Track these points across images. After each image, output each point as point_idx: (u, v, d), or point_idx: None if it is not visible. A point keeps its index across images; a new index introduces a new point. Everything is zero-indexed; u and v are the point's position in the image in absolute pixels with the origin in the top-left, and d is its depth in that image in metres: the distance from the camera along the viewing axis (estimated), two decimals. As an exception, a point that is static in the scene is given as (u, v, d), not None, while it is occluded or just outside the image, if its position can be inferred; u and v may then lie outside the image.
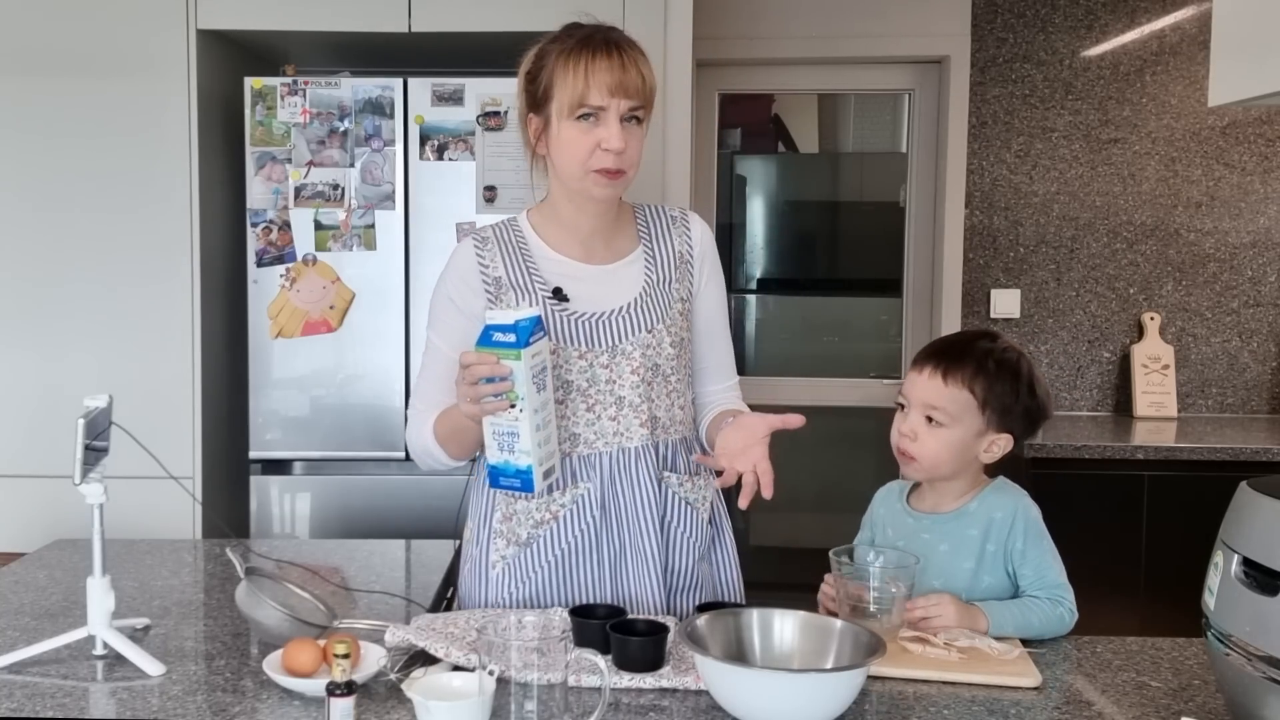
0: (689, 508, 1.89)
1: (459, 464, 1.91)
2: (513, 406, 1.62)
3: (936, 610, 1.65)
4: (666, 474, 1.87)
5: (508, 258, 1.86)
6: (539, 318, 1.67)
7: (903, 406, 1.79)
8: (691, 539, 1.89)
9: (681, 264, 1.91)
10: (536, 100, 1.82)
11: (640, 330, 1.83)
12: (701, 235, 1.95)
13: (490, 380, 1.61)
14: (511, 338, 1.60)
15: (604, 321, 1.83)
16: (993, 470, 1.85)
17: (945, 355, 1.76)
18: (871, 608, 1.67)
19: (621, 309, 1.84)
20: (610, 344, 1.82)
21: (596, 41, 1.76)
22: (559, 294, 1.83)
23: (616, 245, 1.90)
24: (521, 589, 1.85)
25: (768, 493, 1.67)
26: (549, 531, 1.84)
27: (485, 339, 1.62)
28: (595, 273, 1.87)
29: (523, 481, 1.67)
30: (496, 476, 1.69)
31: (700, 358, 1.96)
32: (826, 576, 1.76)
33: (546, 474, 1.70)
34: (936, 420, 1.74)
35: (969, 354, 1.75)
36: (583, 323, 1.82)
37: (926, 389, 1.74)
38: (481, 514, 1.92)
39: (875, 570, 1.70)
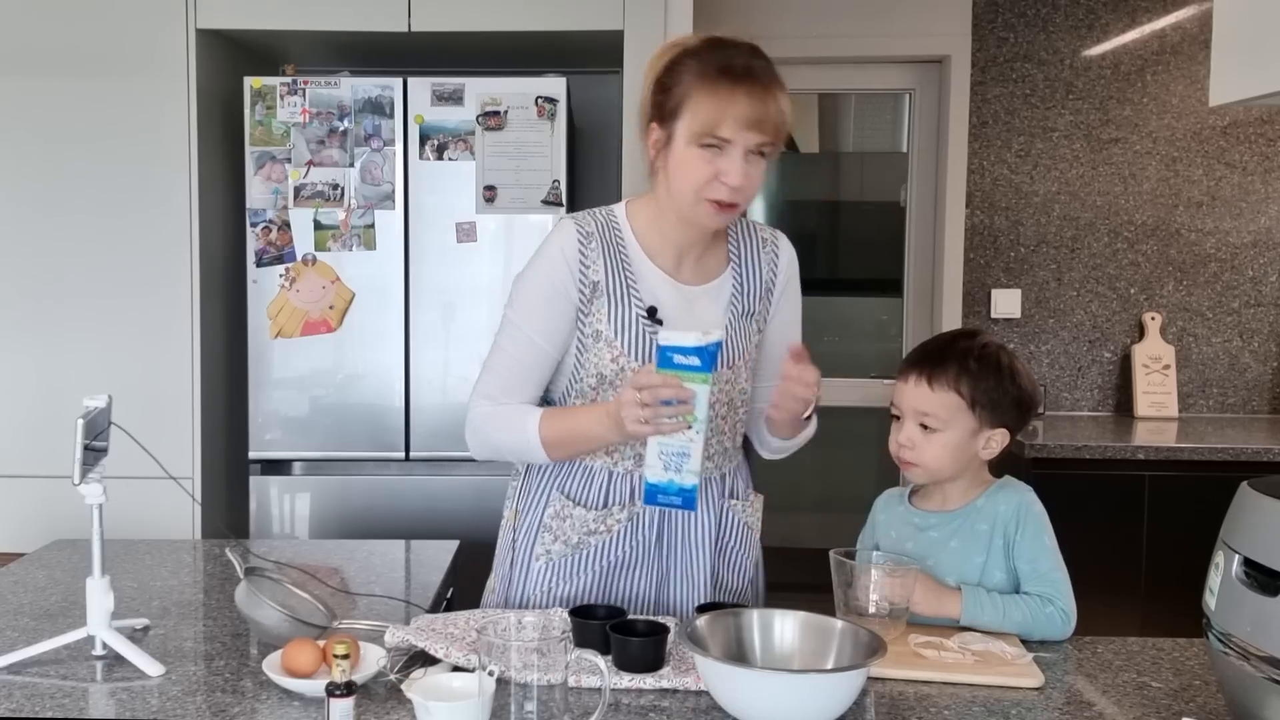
0: (747, 530, 1.91)
1: (545, 463, 1.85)
2: (689, 428, 1.63)
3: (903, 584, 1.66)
4: (730, 502, 1.88)
5: (609, 261, 1.79)
6: (722, 343, 1.67)
7: (897, 417, 1.80)
8: (747, 559, 1.91)
9: (765, 294, 1.89)
10: (664, 112, 1.74)
11: (723, 366, 1.80)
12: (789, 263, 1.91)
13: (668, 403, 1.60)
14: (695, 361, 1.60)
15: None
16: (998, 470, 1.85)
17: (928, 361, 1.77)
18: (872, 609, 1.67)
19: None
20: None
21: (739, 69, 1.69)
22: (653, 315, 1.79)
23: (707, 264, 1.85)
24: (564, 587, 1.84)
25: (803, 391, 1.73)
26: (601, 542, 1.84)
27: (665, 361, 1.61)
28: (684, 293, 1.82)
29: (684, 500, 1.66)
30: (655, 494, 1.67)
31: (759, 377, 1.91)
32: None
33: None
34: (931, 426, 1.75)
35: (950, 356, 1.76)
36: (719, 332, 1.76)
37: (915, 397, 1.76)
38: (531, 506, 1.88)
39: (874, 571, 1.70)
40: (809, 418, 1.84)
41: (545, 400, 1.88)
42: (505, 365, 1.82)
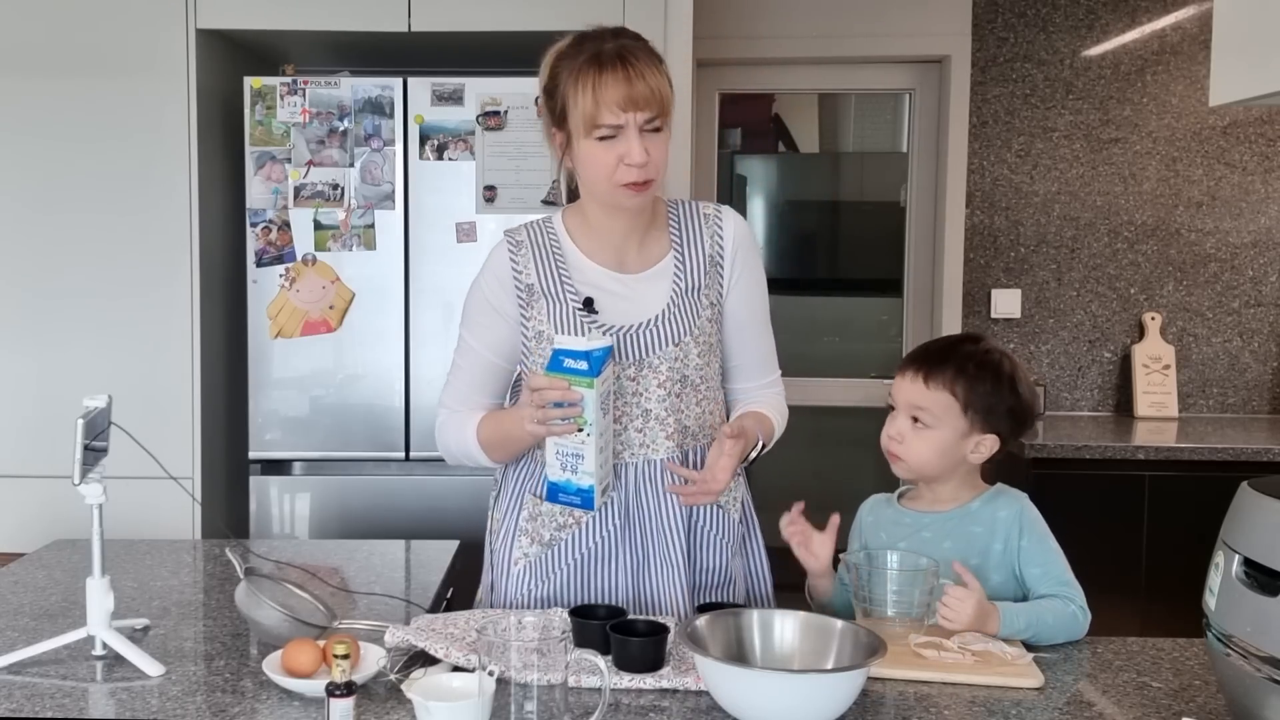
0: (719, 510, 1.90)
1: (494, 466, 1.94)
2: (580, 430, 1.66)
3: (959, 607, 1.63)
4: None
5: (541, 264, 1.85)
6: (611, 348, 1.70)
7: (892, 409, 1.81)
8: (723, 539, 1.90)
9: (712, 267, 1.89)
10: (556, 116, 1.80)
11: (667, 344, 1.82)
12: (735, 232, 1.91)
13: (559, 405, 1.65)
14: (584, 365, 1.64)
15: (631, 335, 1.82)
16: (992, 475, 1.86)
17: (927, 359, 1.78)
18: (890, 611, 1.67)
19: (649, 322, 1.83)
20: (637, 357, 1.81)
21: (605, 56, 1.74)
22: (589, 305, 1.82)
23: (649, 250, 1.88)
24: (542, 587, 1.86)
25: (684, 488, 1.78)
26: (571, 535, 1.85)
27: (556, 364, 1.65)
28: (626, 283, 1.86)
29: (583, 499, 1.71)
30: (556, 493, 1.72)
31: (730, 355, 1.94)
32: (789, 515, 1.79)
33: (604, 491, 1.75)
34: (922, 422, 1.76)
35: (950, 357, 1.77)
36: (610, 336, 1.81)
37: (910, 391, 1.77)
38: (507, 511, 1.93)
39: (893, 574, 1.70)
40: (756, 452, 1.88)
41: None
42: (458, 377, 1.92)
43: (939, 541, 1.77)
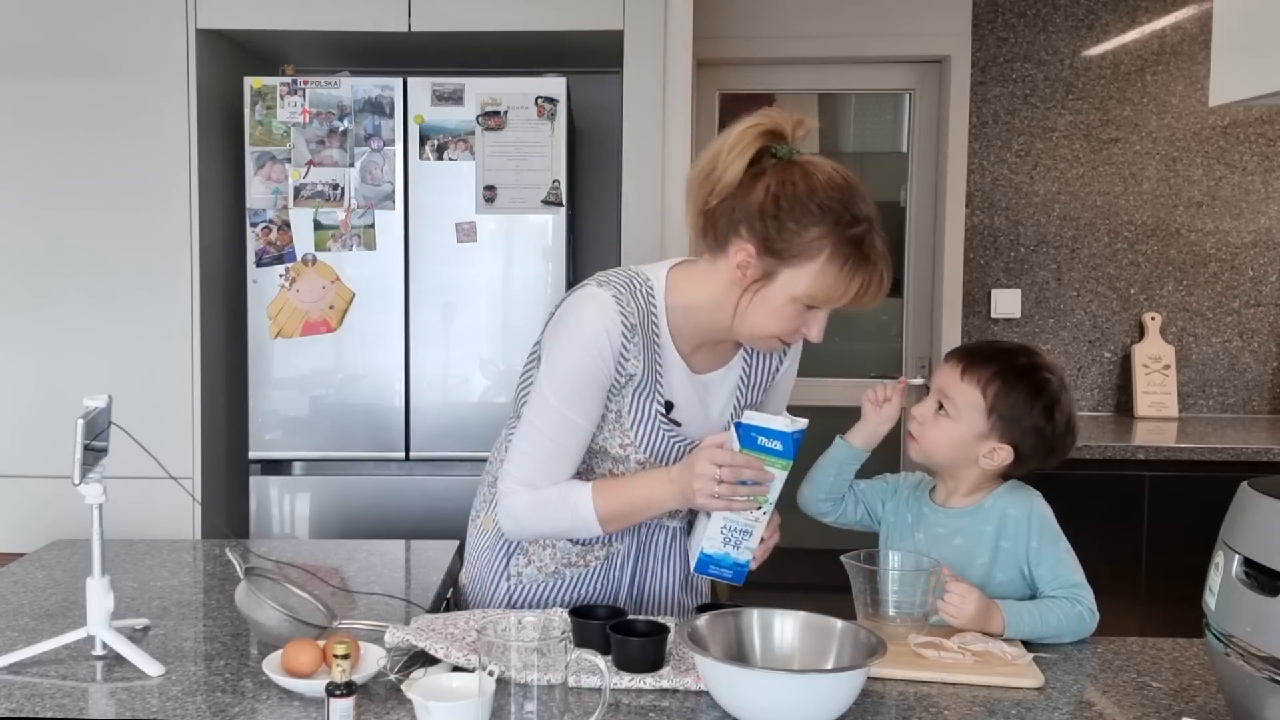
0: None
1: (599, 536, 1.79)
2: (758, 508, 1.64)
3: (960, 604, 1.64)
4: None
5: (646, 354, 1.71)
6: (804, 431, 1.64)
7: (929, 389, 1.82)
8: (707, 584, 1.93)
9: (771, 374, 1.87)
10: (771, 246, 1.60)
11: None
12: (796, 351, 1.89)
13: (744, 482, 1.61)
14: (778, 445, 1.61)
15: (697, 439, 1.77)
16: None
17: (973, 354, 1.78)
18: (891, 610, 1.67)
19: (716, 427, 1.79)
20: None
21: (873, 254, 1.60)
22: (669, 410, 1.75)
23: (720, 351, 1.81)
24: (530, 601, 1.88)
25: None
26: (576, 574, 1.86)
27: (749, 441, 1.61)
28: (694, 381, 1.78)
29: (735, 574, 1.69)
30: (708, 564, 1.69)
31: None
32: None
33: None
34: (945, 410, 1.76)
35: (995, 359, 1.76)
36: (682, 448, 1.76)
37: (945, 378, 1.77)
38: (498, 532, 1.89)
39: (895, 574, 1.70)
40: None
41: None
42: (544, 450, 1.71)
43: (950, 538, 1.77)
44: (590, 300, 1.70)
